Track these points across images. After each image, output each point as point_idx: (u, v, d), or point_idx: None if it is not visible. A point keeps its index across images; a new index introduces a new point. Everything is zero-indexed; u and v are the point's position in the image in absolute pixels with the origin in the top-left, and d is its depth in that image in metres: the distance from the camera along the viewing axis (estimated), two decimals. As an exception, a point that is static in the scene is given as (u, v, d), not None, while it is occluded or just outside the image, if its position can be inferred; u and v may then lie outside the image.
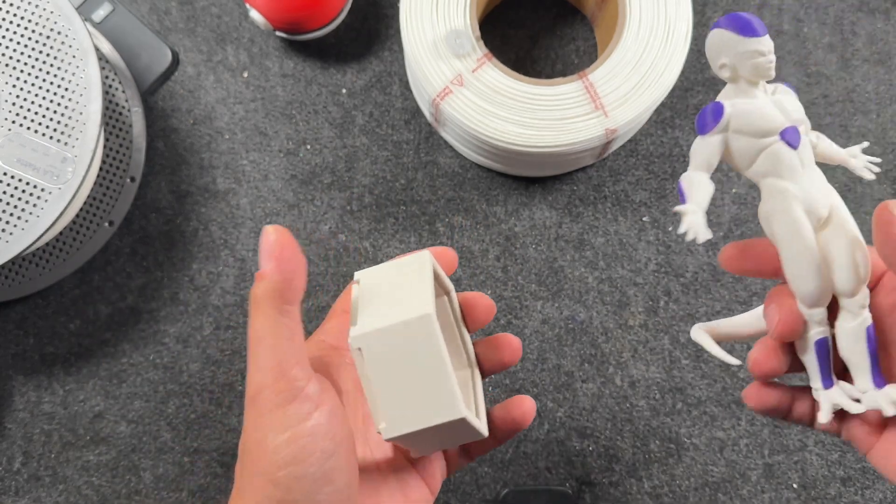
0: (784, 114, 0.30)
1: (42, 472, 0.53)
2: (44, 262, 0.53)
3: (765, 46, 0.29)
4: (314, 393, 0.28)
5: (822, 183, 0.30)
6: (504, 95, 0.49)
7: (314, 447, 0.27)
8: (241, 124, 0.56)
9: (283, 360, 0.27)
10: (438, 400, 0.28)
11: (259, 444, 0.27)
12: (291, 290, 0.28)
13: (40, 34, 0.47)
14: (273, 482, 0.27)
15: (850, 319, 0.30)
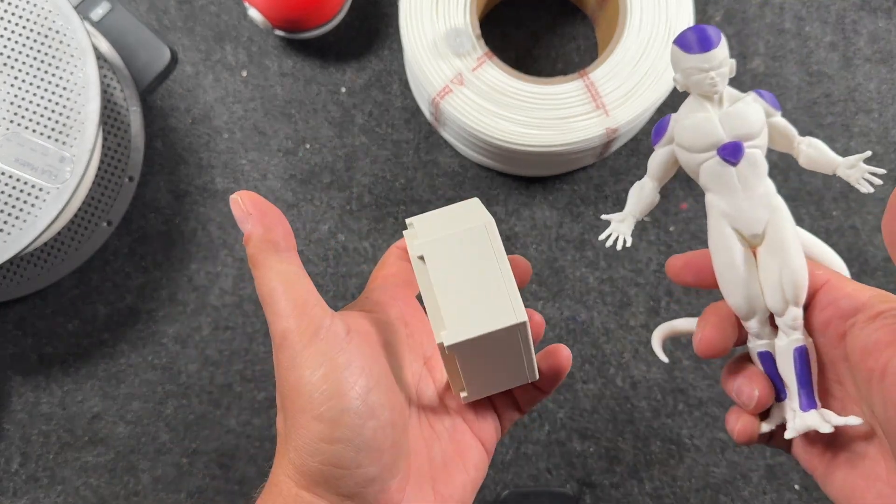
0: (730, 128, 0.29)
1: (40, 472, 0.52)
2: (42, 262, 0.53)
3: (705, 63, 0.29)
4: (341, 329, 0.28)
5: (762, 200, 0.30)
6: (504, 94, 0.49)
7: (353, 380, 0.27)
8: (239, 123, 0.56)
9: (301, 300, 0.28)
10: (500, 306, 0.28)
11: (297, 383, 0.27)
12: (280, 238, 0.28)
13: (38, 33, 0.47)
14: (317, 418, 0.27)
15: (782, 338, 0.30)
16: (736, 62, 0.31)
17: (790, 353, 0.30)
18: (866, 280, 0.53)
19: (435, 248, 0.30)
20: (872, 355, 0.27)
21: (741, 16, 0.57)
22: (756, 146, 0.30)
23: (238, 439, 0.53)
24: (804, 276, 0.29)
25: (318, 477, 0.28)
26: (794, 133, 0.31)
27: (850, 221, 0.54)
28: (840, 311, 0.29)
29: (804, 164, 0.31)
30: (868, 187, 0.31)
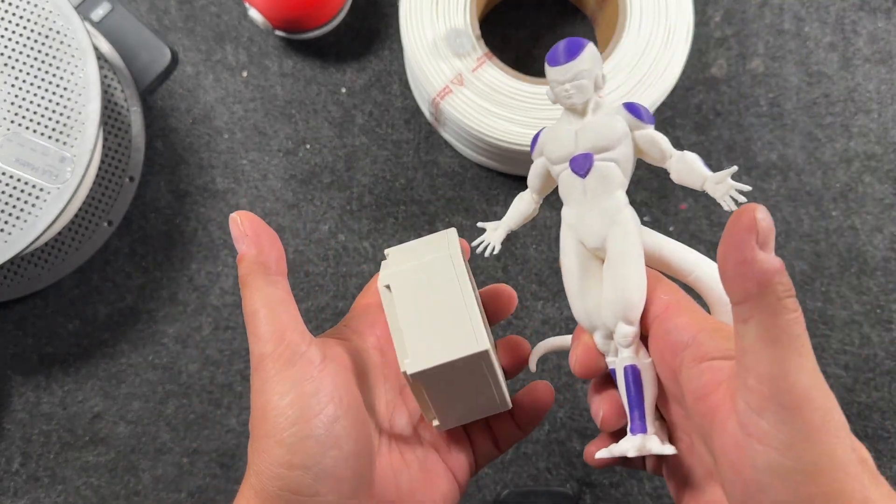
0: (583, 140, 0.29)
1: (41, 472, 0.52)
2: (42, 262, 0.53)
3: (560, 75, 0.29)
4: (316, 357, 0.29)
5: (606, 213, 0.29)
6: (504, 95, 0.49)
7: (318, 408, 0.28)
8: (240, 124, 0.56)
9: (281, 326, 0.28)
10: (463, 334, 0.29)
11: (264, 407, 0.28)
12: (272, 262, 0.29)
13: (39, 33, 0.47)
14: (279, 443, 0.27)
15: (616, 356, 0.29)
16: (605, 76, 0.30)
17: (620, 373, 0.29)
18: (866, 280, 0.54)
19: (400, 278, 0.30)
20: (701, 401, 0.27)
21: (741, 16, 0.57)
22: (611, 159, 0.29)
23: (238, 439, 0.53)
24: (635, 293, 0.29)
25: (277, 502, 0.28)
26: (666, 147, 0.30)
27: (850, 221, 0.54)
28: (670, 344, 0.28)
29: (675, 179, 0.30)
30: (731, 204, 0.29)
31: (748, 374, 0.24)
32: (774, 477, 0.23)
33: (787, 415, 0.23)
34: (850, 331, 0.53)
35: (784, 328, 0.24)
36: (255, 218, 0.30)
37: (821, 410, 0.23)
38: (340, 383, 0.29)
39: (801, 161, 0.55)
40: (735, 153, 0.55)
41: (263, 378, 0.28)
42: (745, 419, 0.24)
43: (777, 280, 0.24)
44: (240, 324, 0.54)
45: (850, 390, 0.52)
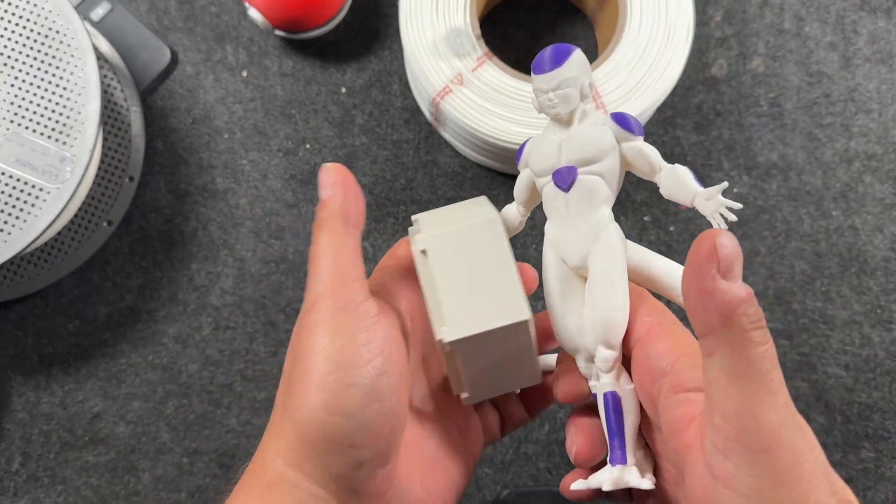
0: (567, 152, 0.28)
1: (41, 472, 0.52)
2: (42, 262, 0.53)
3: (544, 83, 0.28)
4: (372, 309, 0.28)
5: (590, 229, 0.28)
6: (504, 94, 0.49)
7: (368, 357, 0.27)
8: (240, 124, 0.56)
9: (345, 273, 0.28)
10: (503, 302, 0.28)
11: (310, 349, 0.27)
12: (353, 214, 0.29)
13: (38, 33, 0.47)
14: (321, 387, 0.26)
15: (595, 381, 0.28)
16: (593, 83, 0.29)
17: (600, 398, 0.28)
18: (866, 280, 0.53)
19: (438, 243, 0.29)
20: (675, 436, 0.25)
21: (741, 16, 0.57)
22: (596, 172, 0.28)
23: (238, 439, 0.53)
24: (617, 315, 0.27)
25: (310, 451, 0.26)
26: (655, 160, 0.28)
27: (850, 221, 0.54)
28: (650, 370, 0.26)
29: (664, 194, 0.29)
30: (721, 222, 0.27)
31: (714, 411, 0.23)
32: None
33: (755, 457, 0.22)
34: (851, 331, 0.53)
35: (751, 363, 0.22)
36: (346, 171, 0.29)
37: (792, 452, 0.22)
38: (391, 339, 0.28)
39: (802, 161, 0.55)
40: (735, 153, 0.55)
41: (315, 319, 0.27)
42: (712, 460, 0.23)
43: (742, 311, 0.22)
44: (239, 324, 0.54)
45: (851, 390, 0.52)
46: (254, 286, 0.54)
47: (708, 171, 0.55)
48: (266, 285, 0.54)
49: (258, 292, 0.54)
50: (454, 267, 0.28)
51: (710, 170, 0.55)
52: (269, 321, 0.54)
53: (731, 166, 0.55)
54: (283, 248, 0.55)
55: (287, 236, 0.55)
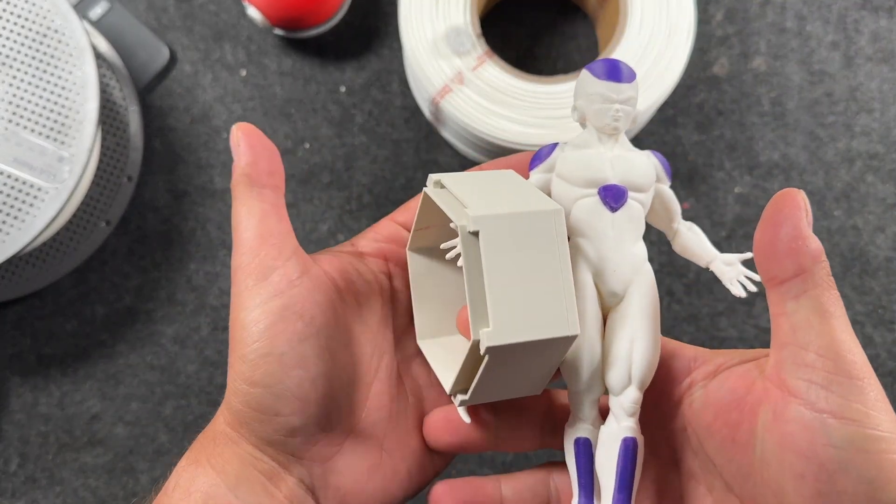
0: (621, 172, 0.27)
1: (38, 474, 0.52)
2: (40, 263, 0.52)
3: (614, 93, 0.27)
4: (292, 272, 0.27)
5: (633, 259, 0.27)
6: (505, 94, 0.49)
7: (284, 325, 0.26)
8: (238, 122, 0.56)
9: (257, 240, 0.28)
10: (555, 312, 0.24)
11: (234, 321, 0.27)
12: (261, 174, 0.29)
13: (37, 32, 0.47)
14: (241, 358, 0.27)
15: (612, 423, 0.26)
16: (640, 112, 0.29)
17: (616, 444, 0.25)
18: (868, 280, 0.53)
19: (494, 226, 0.25)
20: (730, 408, 0.25)
21: (742, 15, 0.57)
22: (640, 201, 0.27)
23: (237, 440, 0.52)
24: (657, 355, 0.26)
25: (240, 417, 0.27)
26: (677, 210, 0.28)
27: (852, 221, 0.54)
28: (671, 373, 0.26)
29: (677, 249, 0.28)
30: (740, 291, 0.27)
31: (806, 350, 0.23)
32: (856, 451, 0.22)
33: (858, 385, 0.22)
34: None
35: (836, 301, 0.24)
36: (252, 129, 0.29)
37: (878, 386, 0.23)
38: (316, 301, 0.27)
39: (804, 160, 0.55)
40: (737, 152, 0.55)
41: (235, 291, 0.27)
42: (812, 396, 0.23)
43: (824, 259, 0.24)
44: (239, 324, 0.54)
45: (853, 391, 0.52)
46: (253, 286, 0.54)
47: (709, 170, 0.55)
48: (265, 285, 0.54)
49: (257, 292, 0.54)
50: (508, 258, 0.25)
51: (711, 169, 0.55)
52: (268, 321, 0.54)
53: (733, 166, 0.55)
54: (282, 248, 0.54)
55: (286, 236, 0.55)
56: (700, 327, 0.53)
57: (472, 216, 0.25)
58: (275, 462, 0.27)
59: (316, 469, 0.28)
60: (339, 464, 0.28)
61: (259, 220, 0.28)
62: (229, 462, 0.27)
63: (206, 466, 0.28)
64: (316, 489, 0.28)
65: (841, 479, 0.22)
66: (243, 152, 0.29)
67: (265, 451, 0.27)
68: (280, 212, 0.29)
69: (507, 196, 0.26)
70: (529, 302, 0.24)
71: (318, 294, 0.28)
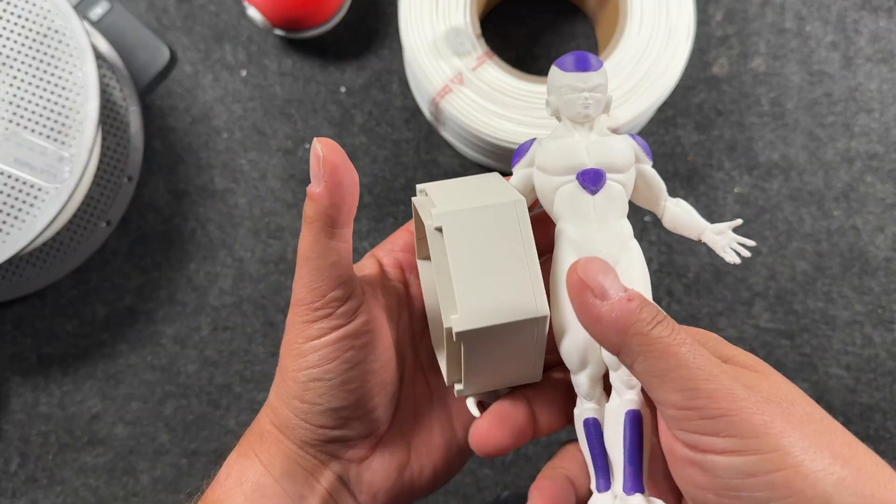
0: (596, 155, 0.27)
1: (39, 473, 0.52)
2: (41, 263, 0.53)
3: (580, 82, 0.28)
4: (351, 308, 0.29)
5: (617, 236, 0.27)
6: (505, 94, 0.49)
7: (336, 356, 0.29)
8: (239, 123, 0.56)
9: (326, 283, 0.29)
10: (523, 295, 0.26)
11: (289, 344, 0.30)
12: (341, 214, 0.28)
13: (37, 32, 0.47)
14: (294, 378, 0.29)
15: (615, 398, 0.27)
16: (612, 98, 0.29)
17: (620, 418, 0.26)
18: (867, 280, 0.53)
19: (456, 221, 0.26)
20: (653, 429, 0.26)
21: (742, 15, 0.57)
22: (619, 181, 0.27)
23: (237, 440, 0.52)
24: None
25: (287, 422, 0.30)
26: (661, 187, 0.29)
27: (852, 221, 0.54)
28: None
29: (668, 225, 0.29)
30: (734, 257, 0.28)
31: (665, 408, 0.24)
32: (743, 477, 0.23)
33: (725, 420, 0.23)
34: (852, 331, 0.53)
35: (668, 355, 0.23)
36: (338, 156, 0.27)
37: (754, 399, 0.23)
38: (366, 331, 0.29)
39: (803, 160, 0.55)
40: (737, 152, 0.55)
41: (293, 320, 0.30)
42: (690, 441, 0.24)
43: (634, 320, 0.24)
44: (238, 325, 0.54)
45: (852, 391, 0.52)
46: (253, 286, 0.54)
47: (709, 170, 0.55)
48: (265, 285, 0.54)
49: (257, 293, 0.54)
50: (471, 249, 0.26)
51: (711, 169, 0.55)
52: (268, 321, 0.54)
53: (733, 166, 0.55)
54: (282, 249, 0.54)
55: (286, 236, 0.55)
56: (700, 327, 0.53)
57: (435, 213, 0.26)
58: (316, 460, 0.31)
59: (352, 468, 0.31)
60: (372, 463, 0.31)
61: (332, 262, 0.29)
62: (275, 457, 0.30)
63: (255, 459, 0.31)
64: (351, 485, 0.31)
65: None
66: (329, 190, 0.27)
67: (307, 451, 0.30)
68: (350, 246, 0.29)
69: (475, 194, 0.28)
70: (496, 288, 0.26)
71: (369, 324, 0.30)
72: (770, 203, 0.54)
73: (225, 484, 0.31)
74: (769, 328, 0.53)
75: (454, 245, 0.26)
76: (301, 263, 0.29)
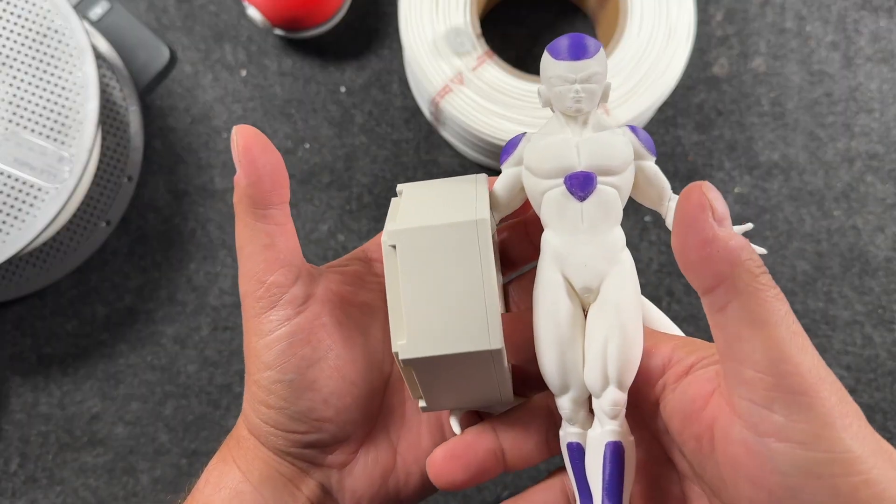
0: (588, 155, 0.25)
1: (39, 473, 0.52)
2: (41, 263, 0.53)
3: (572, 72, 0.25)
4: (298, 297, 0.27)
5: (607, 249, 0.25)
6: (505, 94, 0.49)
7: (292, 351, 0.27)
8: (239, 123, 0.56)
9: (262, 267, 0.27)
10: (474, 325, 0.24)
11: (247, 346, 0.28)
12: (263, 193, 0.28)
13: (37, 32, 0.47)
14: (256, 383, 0.28)
15: (597, 426, 0.25)
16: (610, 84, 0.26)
17: (601, 449, 0.24)
18: (868, 280, 0.53)
19: (409, 239, 0.25)
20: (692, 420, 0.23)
21: (742, 15, 0.57)
22: (613, 185, 0.25)
23: (237, 440, 0.52)
24: (635, 352, 0.24)
25: (259, 430, 0.29)
26: (665, 186, 0.26)
27: (852, 221, 0.54)
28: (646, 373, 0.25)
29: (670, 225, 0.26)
30: None
31: (742, 366, 0.21)
32: (805, 476, 0.20)
33: (803, 400, 0.20)
34: (853, 331, 0.53)
35: (769, 306, 0.21)
36: (252, 139, 0.27)
37: (834, 392, 0.20)
38: (322, 324, 0.28)
39: (803, 160, 0.55)
40: (737, 152, 0.55)
41: (245, 317, 0.28)
42: (754, 418, 0.21)
43: (747, 256, 0.21)
44: (238, 324, 0.54)
45: (853, 391, 0.52)
46: (253, 286, 0.54)
47: (709, 170, 0.55)
48: (265, 285, 0.54)
49: (257, 292, 0.54)
50: (425, 271, 0.24)
51: (711, 169, 0.55)
52: (269, 321, 0.54)
53: (733, 166, 0.55)
54: (282, 248, 0.54)
55: (286, 236, 0.55)
56: (700, 327, 0.53)
57: (389, 230, 0.25)
58: (295, 468, 0.29)
59: (333, 475, 0.29)
60: (355, 469, 0.29)
61: (264, 245, 0.27)
62: (253, 463, 0.29)
63: (233, 465, 0.29)
64: (333, 491, 0.29)
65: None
66: (245, 171, 0.27)
67: (285, 459, 0.29)
68: (286, 229, 0.28)
69: (443, 206, 0.26)
70: (448, 315, 0.24)
71: (324, 316, 0.28)
72: (770, 203, 0.54)
73: (203, 490, 0.30)
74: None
75: (407, 265, 0.24)
76: (238, 255, 0.28)
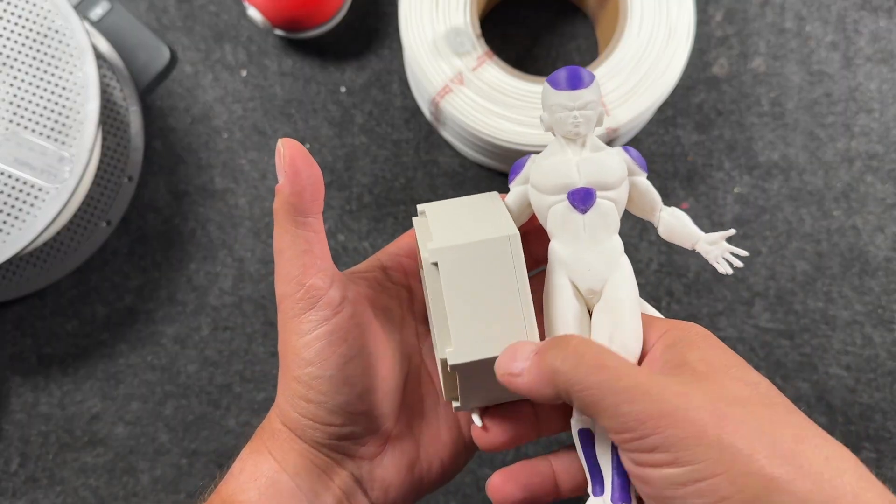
0: (586, 173, 0.28)
1: (39, 473, 0.52)
2: (41, 263, 0.53)
3: (571, 101, 0.28)
4: (334, 299, 0.30)
5: (607, 255, 0.28)
6: (504, 94, 0.49)
7: (331, 349, 0.29)
8: (239, 123, 0.56)
9: (301, 269, 0.30)
10: (513, 329, 0.27)
11: (285, 344, 0.31)
12: (304, 203, 0.30)
13: (37, 32, 0.47)
14: (296, 379, 0.30)
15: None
16: (603, 113, 0.30)
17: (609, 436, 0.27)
18: (867, 280, 0.53)
19: (451, 258, 0.28)
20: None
21: (742, 15, 0.57)
22: (610, 198, 0.29)
23: (237, 440, 0.52)
24: (636, 345, 0.28)
25: (296, 424, 0.31)
26: (656, 198, 0.30)
27: (852, 221, 0.54)
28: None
29: (663, 234, 0.30)
30: (727, 268, 0.29)
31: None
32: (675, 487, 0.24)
33: (656, 439, 0.24)
34: (852, 331, 0.53)
35: (587, 389, 0.25)
36: (297, 150, 0.30)
37: (681, 401, 0.24)
38: (357, 323, 0.30)
39: (803, 160, 0.55)
40: (736, 152, 0.55)
41: (283, 319, 0.30)
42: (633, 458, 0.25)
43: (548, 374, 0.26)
44: (238, 324, 0.54)
45: (852, 391, 0.52)
46: (253, 286, 0.54)
47: (709, 170, 0.55)
48: (265, 286, 0.54)
49: (257, 293, 0.54)
50: (466, 283, 0.28)
51: (711, 169, 0.55)
52: (268, 321, 0.54)
53: (733, 166, 0.55)
54: (282, 249, 0.54)
55: (286, 236, 0.55)
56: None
57: (431, 248, 0.28)
58: (329, 459, 0.31)
59: (364, 466, 0.32)
60: (384, 460, 0.32)
61: (303, 250, 0.30)
62: (288, 454, 0.31)
63: (268, 456, 0.31)
64: (363, 482, 0.32)
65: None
66: (289, 180, 0.30)
67: (320, 451, 0.31)
68: (321, 237, 0.30)
69: (471, 224, 0.29)
70: (489, 322, 0.27)
71: (357, 317, 0.30)
72: (770, 203, 0.54)
73: (239, 478, 0.32)
74: (769, 328, 0.53)
75: (449, 280, 0.28)
76: (276, 258, 0.30)
